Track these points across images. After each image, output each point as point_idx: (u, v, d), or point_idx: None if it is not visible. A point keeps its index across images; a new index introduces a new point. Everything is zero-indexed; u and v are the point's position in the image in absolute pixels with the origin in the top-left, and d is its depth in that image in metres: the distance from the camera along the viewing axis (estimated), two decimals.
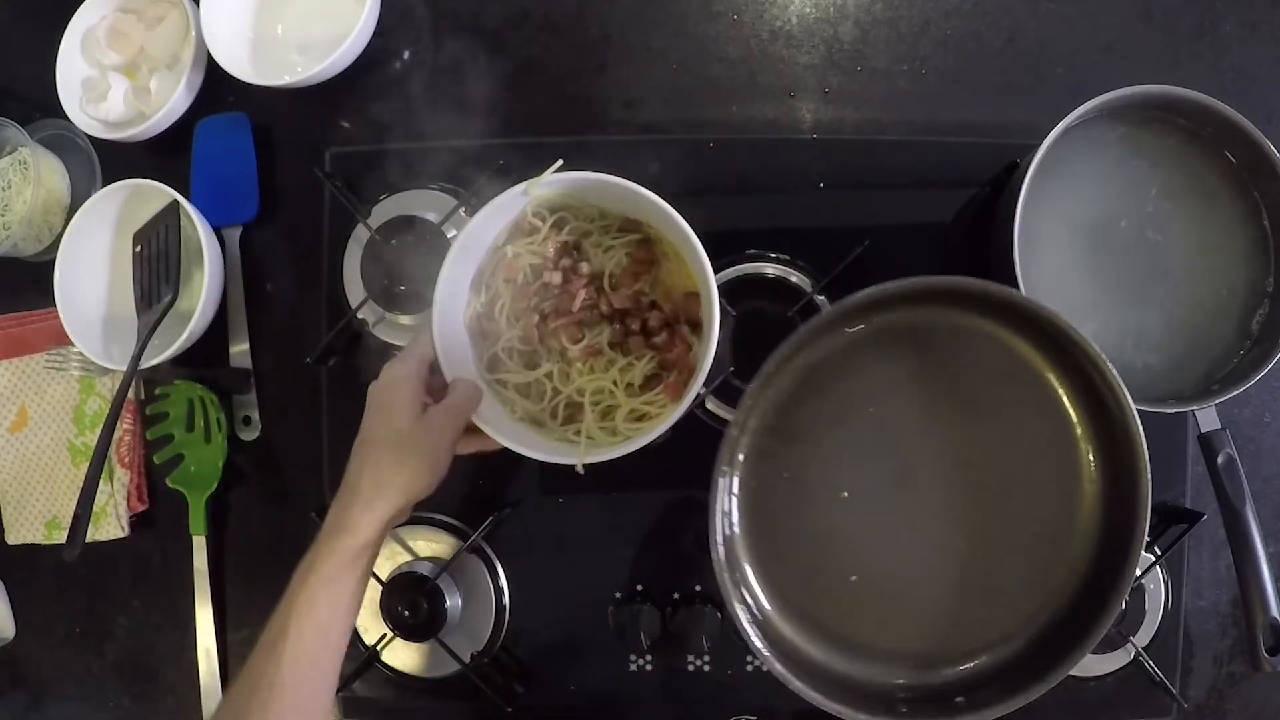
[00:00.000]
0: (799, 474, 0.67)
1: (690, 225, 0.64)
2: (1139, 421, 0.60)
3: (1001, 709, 0.59)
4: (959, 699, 0.62)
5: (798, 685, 0.60)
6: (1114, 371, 0.60)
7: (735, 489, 0.66)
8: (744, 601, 0.64)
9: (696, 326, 0.69)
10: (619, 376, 0.68)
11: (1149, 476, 0.60)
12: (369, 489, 0.60)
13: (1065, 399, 0.65)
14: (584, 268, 0.69)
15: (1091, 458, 0.65)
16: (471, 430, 0.65)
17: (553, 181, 0.66)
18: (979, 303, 0.64)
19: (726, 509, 0.65)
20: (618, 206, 0.70)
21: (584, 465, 0.64)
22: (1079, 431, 0.65)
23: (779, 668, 0.61)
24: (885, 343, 0.66)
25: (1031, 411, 0.65)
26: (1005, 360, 0.65)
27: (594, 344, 0.69)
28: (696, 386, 0.64)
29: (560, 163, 0.66)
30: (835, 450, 0.67)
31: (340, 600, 0.60)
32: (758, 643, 0.62)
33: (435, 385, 0.66)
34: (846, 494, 0.66)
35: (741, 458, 0.66)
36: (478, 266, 0.70)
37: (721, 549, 0.62)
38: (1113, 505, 0.64)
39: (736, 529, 0.66)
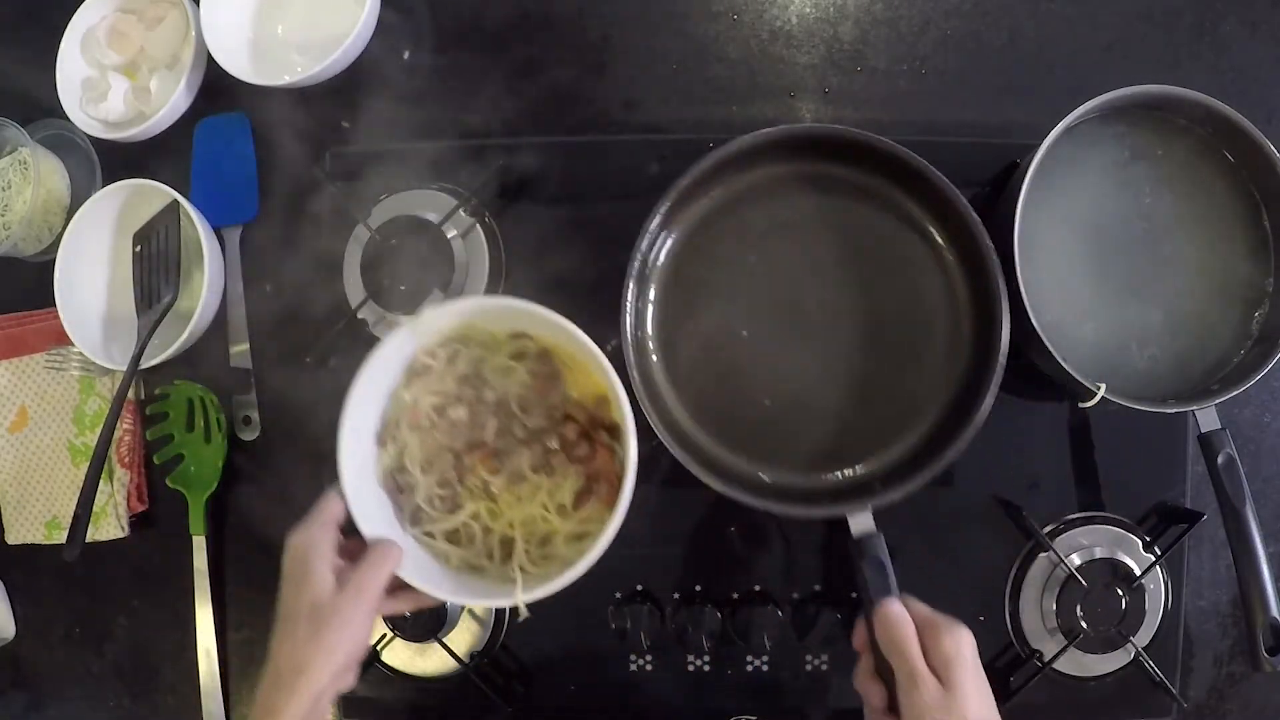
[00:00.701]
0: (699, 324, 0.76)
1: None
2: (978, 218, 0.70)
3: (909, 486, 0.68)
4: (876, 484, 0.71)
5: (722, 487, 0.69)
6: (950, 185, 0.71)
7: (649, 342, 0.75)
8: (679, 440, 0.71)
9: (614, 430, 0.65)
10: (548, 499, 0.65)
11: (999, 266, 0.69)
12: (288, 671, 0.57)
13: (928, 225, 0.75)
14: (489, 395, 0.66)
15: (954, 263, 0.74)
16: (402, 587, 0.61)
17: (435, 317, 0.64)
18: (838, 148, 0.73)
19: (642, 361, 0.74)
20: (506, 325, 0.67)
21: (527, 605, 0.61)
22: (943, 246, 0.75)
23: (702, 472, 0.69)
24: (759, 194, 0.75)
25: (900, 239, 0.75)
26: (870, 200, 0.75)
27: (515, 471, 0.65)
28: (627, 492, 0.61)
29: (436, 293, 0.63)
30: (729, 297, 0.76)
31: None
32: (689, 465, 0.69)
33: (355, 547, 0.62)
34: (746, 333, 0.75)
35: (647, 314, 0.75)
36: (380, 419, 0.66)
37: (648, 402, 0.70)
38: (979, 309, 0.73)
39: (658, 380, 0.75)
